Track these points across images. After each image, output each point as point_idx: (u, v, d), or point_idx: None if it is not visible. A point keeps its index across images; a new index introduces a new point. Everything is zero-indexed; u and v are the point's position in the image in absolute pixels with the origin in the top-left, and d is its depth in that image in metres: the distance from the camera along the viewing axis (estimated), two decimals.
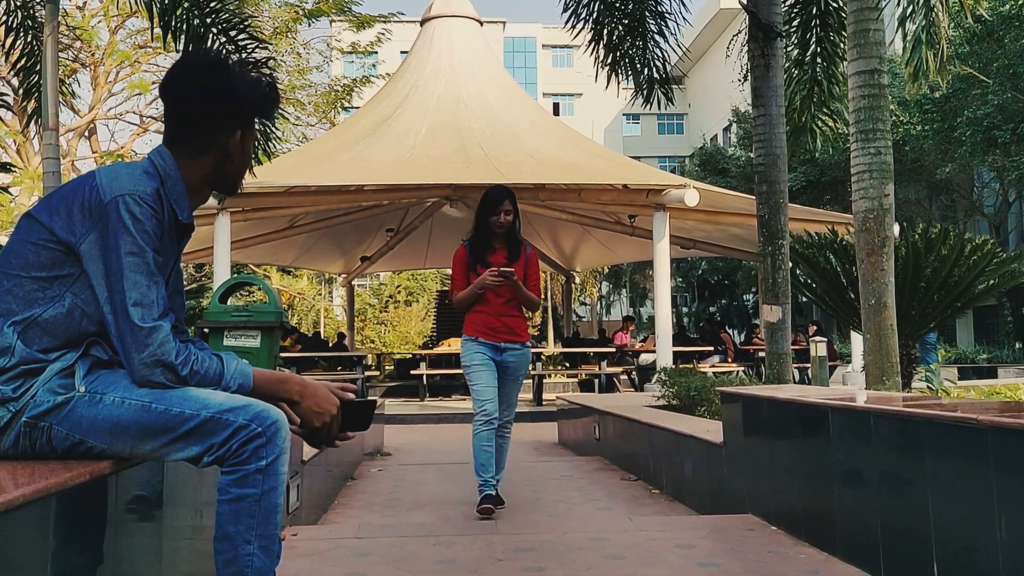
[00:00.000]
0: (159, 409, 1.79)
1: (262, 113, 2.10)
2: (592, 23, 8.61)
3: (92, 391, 1.80)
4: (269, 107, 2.10)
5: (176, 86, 1.99)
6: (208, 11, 7.37)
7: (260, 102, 2.05)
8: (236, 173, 2.07)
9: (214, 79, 1.98)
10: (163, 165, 1.94)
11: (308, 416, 1.93)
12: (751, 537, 3.54)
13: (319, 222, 15.20)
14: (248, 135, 2.06)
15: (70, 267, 1.84)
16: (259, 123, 2.24)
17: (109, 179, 1.85)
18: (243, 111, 2.01)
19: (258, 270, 24.14)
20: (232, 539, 1.78)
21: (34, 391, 1.79)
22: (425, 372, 14.68)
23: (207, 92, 1.97)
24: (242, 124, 2.02)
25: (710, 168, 32.69)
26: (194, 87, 1.98)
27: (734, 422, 4.34)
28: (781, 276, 6.95)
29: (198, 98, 1.98)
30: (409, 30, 19.33)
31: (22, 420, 1.78)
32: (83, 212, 1.82)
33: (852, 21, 5.70)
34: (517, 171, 12.28)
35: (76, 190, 1.86)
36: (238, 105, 1.99)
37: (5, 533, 1.43)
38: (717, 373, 11.90)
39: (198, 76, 1.98)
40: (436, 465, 7.16)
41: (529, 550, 3.37)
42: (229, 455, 1.78)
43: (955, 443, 2.39)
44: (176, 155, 1.97)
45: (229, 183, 2.08)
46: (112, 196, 1.81)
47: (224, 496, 1.79)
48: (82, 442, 1.80)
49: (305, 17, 19.12)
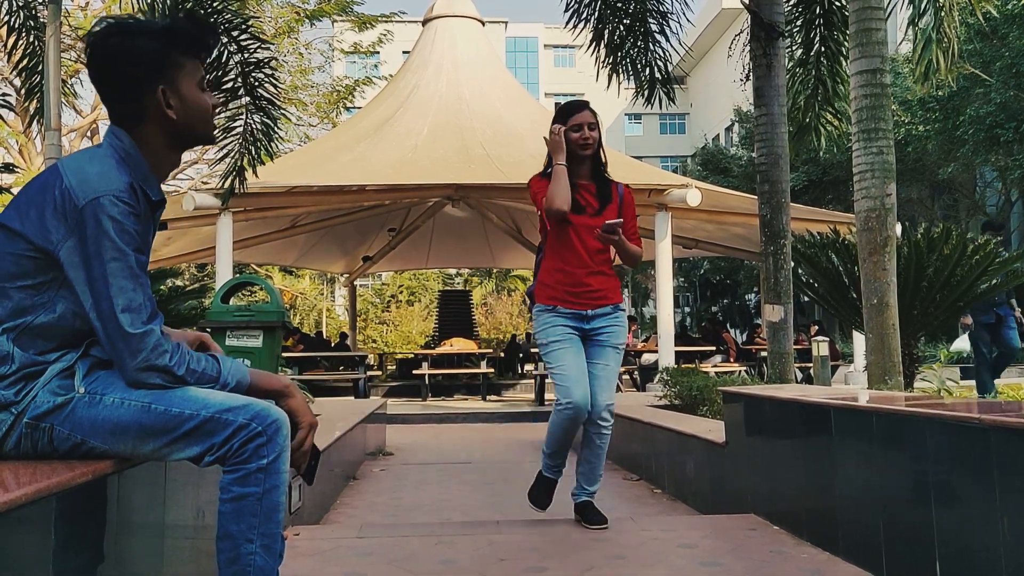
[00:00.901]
0: (159, 409, 1.79)
1: (180, 52, 1.92)
2: (594, 23, 8.61)
3: (92, 392, 1.80)
4: (185, 42, 1.93)
5: (90, 72, 1.93)
6: (210, 11, 7.37)
7: (165, 47, 1.89)
8: (192, 125, 1.95)
9: (107, 47, 1.89)
10: (121, 146, 1.89)
11: (299, 412, 1.95)
12: (753, 537, 3.53)
13: (321, 222, 15.21)
14: (179, 84, 1.92)
15: (54, 271, 1.80)
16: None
17: (79, 180, 1.78)
18: (149, 66, 1.88)
19: (260, 270, 24.17)
20: (234, 538, 1.78)
21: (35, 393, 1.79)
22: (427, 372, 14.68)
23: (104, 65, 1.90)
24: (158, 79, 1.89)
25: (712, 168, 32.70)
26: (95, 64, 1.91)
27: (736, 422, 4.34)
28: (783, 276, 6.95)
29: (102, 74, 1.91)
30: (411, 30, 19.36)
31: (24, 421, 1.79)
32: (57, 217, 1.77)
33: (855, 20, 5.70)
34: (519, 171, 12.25)
35: (44, 192, 1.80)
36: (134, 64, 1.88)
37: (7, 532, 1.43)
38: (719, 373, 11.90)
39: (94, 53, 1.91)
40: (438, 465, 7.16)
41: (531, 550, 3.37)
42: (230, 454, 1.78)
43: (957, 443, 2.39)
44: (128, 131, 1.91)
45: (191, 137, 1.98)
46: (86, 200, 1.75)
47: (226, 495, 1.79)
48: (83, 443, 1.80)
49: (307, 17, 19.15)
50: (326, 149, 14.36)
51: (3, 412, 1.79)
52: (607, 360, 3.66)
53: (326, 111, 20.60)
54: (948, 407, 2.61)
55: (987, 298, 7.45)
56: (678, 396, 7.13)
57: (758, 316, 28.05)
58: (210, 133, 2.01)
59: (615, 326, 3.68)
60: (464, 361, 16.27)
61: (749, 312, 36.58)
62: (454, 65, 15.15)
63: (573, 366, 3.56)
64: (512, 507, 5.05)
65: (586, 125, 3.62)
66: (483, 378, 14.93)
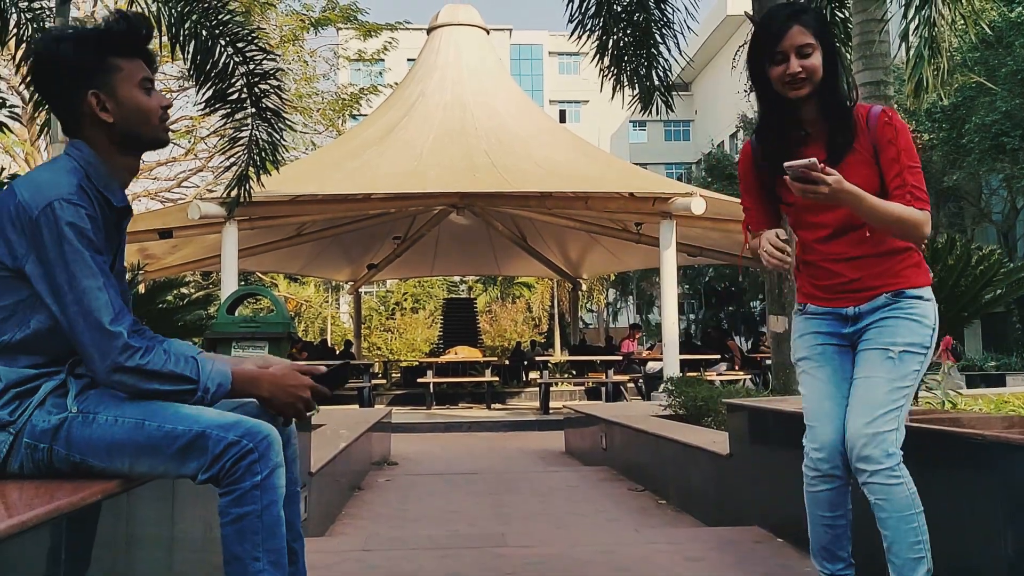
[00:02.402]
0: (152, 426, 1.79)
1: (115, 53, 1.89)
2: (599, 33, 8.64)
3: (84, 411, 1.81)
4: (120, 43, 1.90)
5: (31, 82, 1.96)
6: (216, 23, 7.41)
7: (95, 50, 1.87)
8: (133, 127, 1.91)
9: (39, 55, 1.91)
10: (80, 155, 1.89)
11: (280, 409, 1.96)
12: (758, 550, 3.54)
13: (326, 230, 15.25)
14: (115, 86, 1.89)
15: (25, 289, 1.81)
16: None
17: (31, 191, 1.79)
18: (81, 72, 1.87)
19: (265, 278, 24.22)
20: (241, 559, 1.79)
21: (29, 413, 1.80)
22: (432, 380, 14.71)
23: (36, 72, 1.92)
24: (89, 83, 1.87)
25: (717, 174, 32.66)
26: (31, 72, 1.94)
27: (740, 433, 4.34)
28: (787, 286, 6.95)
29: (37, 81, 1.94)
30: (416, 38, 19.40)
31: (23, 441, 1.80)
32: (16, 232, 1.78)
33: (857, 32, 5.72)
34: (524, 179, 12.31)
35: (0, 211, 1.81)
36: (70, 70, 1.87)
37: (17, 554, 1.44)
38: (724, 382, 11.89)
39: (32, 62, 1.93)
40: (443, 475, 7.16)
41: (537, 563, 3.38)
42: (223, 474, 1.78)
43: (960, 456, 2.39)
44: (81, 139, 1.91)
45: (134, 140, 1.94)
46: (39, 208, 1.76)
47: (226, 518, 1.79)
48: (82, 462, 1.81)
49: (312, 26, 19.21)
50: (331, 157, 14.40)
51: (1, 433, 1.80)
52: (870, 370, 2.30)
53: (331, 119, 20.65)
54: (950, 422, 2.62)
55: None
56: (683, 406, 7.14)
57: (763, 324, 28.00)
58: (157, 135, 1.97)
59: (895, 323, 2.31)
60: (469, 369, 16.29)
61: (754, 320, 36.53)
62: (459, 73, 15.20)
63: (821, 395, 2.38)
64: (517, 518, 5.06)
65: (793, 50, 2.29)
66: (488, 386, 14.94)
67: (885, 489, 2.15)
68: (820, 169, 2.12)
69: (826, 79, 2.30)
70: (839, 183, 2.13)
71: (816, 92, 2.31)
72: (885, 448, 2.16)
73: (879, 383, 2.25)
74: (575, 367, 16.32)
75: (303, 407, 1.97)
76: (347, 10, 19.43)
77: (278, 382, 1.95)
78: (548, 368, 14.62)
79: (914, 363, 2.26)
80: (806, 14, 2.32)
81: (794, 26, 2.28)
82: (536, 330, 32.90)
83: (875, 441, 2.17)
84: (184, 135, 18.99)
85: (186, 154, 19.68)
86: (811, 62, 2.28)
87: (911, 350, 2.27)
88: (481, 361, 15.85)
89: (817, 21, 2.33)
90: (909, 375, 2.25)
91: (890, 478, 2.15)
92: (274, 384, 1.95)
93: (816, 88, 2.30)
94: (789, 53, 2.28)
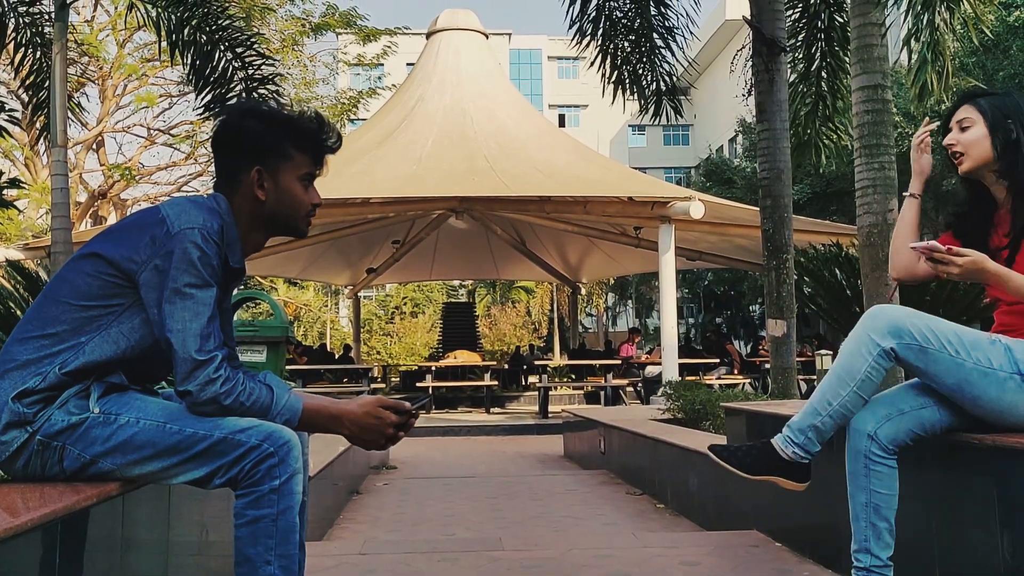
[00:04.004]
0: (173, 429, 1.82)
1: (293, 143, 2.04)
2: (599, 38, 8.65)
3: (106, 412, 1.83)
4: (301, 137, 2.05)
5: (211, 141, 2.09)
6: (216, 28, 7.43)
7: (276, 134, 2.02)
8: (280, 212, 2.05)
9: (226, 121, 2.05)
10: (218, 209, 1.98)
11: (365, 446, 2.04)
12: (756, 554, 3.54)
13: (325, 234, 15.26)
14: (279, 171, 2.03)
15: (121, 298, 1.87)
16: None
17: (177, 212, 1.88)
18: (255, 148, 2.01)
19: (264, 282, 24.22)
20: (253, 562, 1.80)
21: (50, 412, 1.82)
22: (431, 384, 14.70)
23: (218, 134, 2.05)
24: (258, 160, 2.01)
25: (716, 179, 32.67)
26: (215, 132, 2.07)
27: (739, 437, 4.34)
28: (786, 291, 6.96)
29: (216, 142, 2.05)
30: (415, 42, 19.43)
31: (36, 439, 1.81)
32: (147, 239, 1.86)
33: (856, 36, 5.73)
34: (523, 183, 12.33)
35: (140, 222, 1.91)
36: (246, 142, 2.01)
37: (16, 555, 1.45)
38: (723, 386, 11.89)
39: (219, 123, 2.07)
40: (442, 479, 7.16)
41: (535, 567, 3.38)
42: (242, 476, 1.80)
43: (958, 461, 2.39)
44: (231, 204, 2.02)
45: (277, 223, 2.07)
46: (181, 228, 1.84)
47: (240, 520, 1.80)
48: (94, 462, 1.82)
49: (312, 30, 19.24)
50: (331, 161, 14.40)
51: (19, 429, 1.81)
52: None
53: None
54: None
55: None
56: (681, 410, 7.14)
57: (762, 327, 28.00)
58: (299, 226, 2.10)
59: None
60: (468, 373, 16.29)
61: (753, 324, 36.54)
62: (458, 78, 15.23)
63: None
64: (515, 522, 5.06)
65: (956, 125, 2.38)
66: (487, 390, 14.94)
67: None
68: (946, 251, 2.15)
69: (1005, 157, 2.30)
70: (973, 263, 2.15)
71: (997, 171, 2.32)
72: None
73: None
74: (574, 371, 16.32)
75: (386, 443, 2.04)
76: (347, 15, 19.46)
77: (359, 421, 1.98)
78: (547, 372, 14.62)
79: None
80: (984, 97, 2.38)
81: (964, 104, 2.38)
82: (535, 334, 32.91)
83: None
84: (184, 140, 19.01)
85: (186, 158, 19.71)
86: (966, 136, 2.34)
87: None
88: (480, 365, 15.85)
89: (989, 102, 2.36)
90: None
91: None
92: (354, 423, 1.98)
93: (993, 167, 2.32)
94: (951, 127, 2.39)
